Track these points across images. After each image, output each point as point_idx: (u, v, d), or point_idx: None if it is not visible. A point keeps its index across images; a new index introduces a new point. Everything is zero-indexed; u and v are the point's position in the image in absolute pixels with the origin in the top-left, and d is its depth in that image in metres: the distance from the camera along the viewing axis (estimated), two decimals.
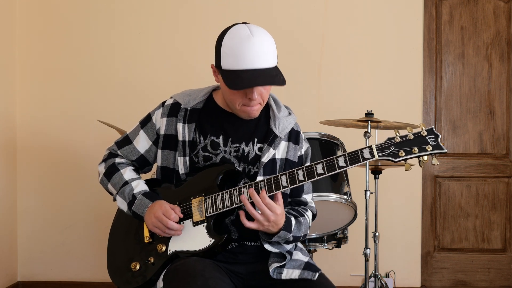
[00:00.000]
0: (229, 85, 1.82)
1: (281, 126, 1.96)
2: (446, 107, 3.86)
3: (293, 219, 1.90)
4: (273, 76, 1.83)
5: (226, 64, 1.83)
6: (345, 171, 2.92)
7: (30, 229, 3.81)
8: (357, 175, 3.29)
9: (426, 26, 3.83)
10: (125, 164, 2.06)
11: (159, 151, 1.99)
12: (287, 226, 1.86)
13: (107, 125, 3.22)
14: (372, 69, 3.81)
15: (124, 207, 1.99)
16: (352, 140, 3.28)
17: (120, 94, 3.79)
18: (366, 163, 2.99)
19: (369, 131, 3.03)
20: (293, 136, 2.00)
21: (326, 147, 2.87)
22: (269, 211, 1.78)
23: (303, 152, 2.02)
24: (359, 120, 3.05)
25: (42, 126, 3.80)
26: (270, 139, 1.94)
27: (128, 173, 2.02)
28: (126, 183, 1.99)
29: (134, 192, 1.96)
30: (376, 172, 3.17)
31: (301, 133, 2.05)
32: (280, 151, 1.95)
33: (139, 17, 3.82)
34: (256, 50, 1.80)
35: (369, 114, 3.04)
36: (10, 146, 3.73)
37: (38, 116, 3.80)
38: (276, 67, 1.87)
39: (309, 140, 2.82)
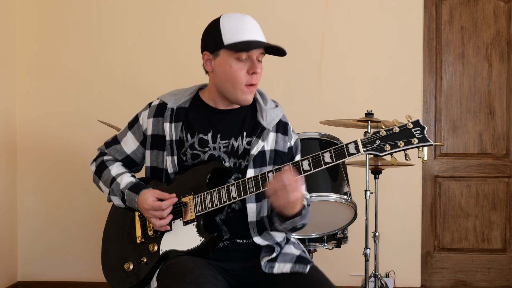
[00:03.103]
0: (241, 48, 1.85)
1: (269, 118, 1.97)
2: (446, 107, 3.86)
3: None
4: (273, 44, 1.90)
5: (230, 39, 1.87)
6: (345, 170, 2.92)
7: (30, 229, 3.81)
8: (357, 175, 3.29)
9: (426, 26, 3.83)
10: (113, 161, 2.08)
11: (148, 152, 2.00)
12: (300, 213, 1.85)
13: (107, 125, 3.22)
14: (372, 69, 3.81)
15: (120, 204, 2.02)
16: (352, 140, 3.27)
17: (120, 94, 3.79)
18: (366, 162, 3.00)
19: (369, 131, 3.03)
20: (281, 127, 2.00)
21: (326, 147, 2.83)
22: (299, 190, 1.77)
23: (292, 144, 2.02)
24: (359, 120, 3.05)
25: (42, 126, 3.80)
26: (258, 131, 1.94)
27: (115, 169, 2.04)
28: (114, 179, 2.01)
29: (121, 188, 1.98)
30: (376, 172, 3.17)
31: (290, 125, 2.05)
32: (269, 142, 1.96)
33: (140, 17, 3.81)
34: (254, 25, 1.91)
35: (369, 114, 3.04)
36: (10, 146, 3.73)
37: (38, 116, 3.80)
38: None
39: (309, 140, 2.82)
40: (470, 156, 3.88)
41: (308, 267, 1.86)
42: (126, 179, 2.00)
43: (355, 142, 1.75)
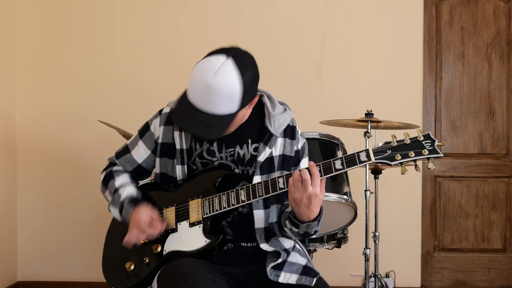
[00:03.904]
0: (172, 114, 1.86)
1: (277, 123, 1.94)
2: (446, 107, 3.86)
3: None
4: (203, 124, 1.77)
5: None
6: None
7: (30, 229, 3.81)
8: (357, 175, 3.28)
9: (426, 26, 3.83)
10: (121, 172, 2.06)
11: (158, 159, 1.99)
12: (318, 218, 1.84)
13: (107, 125, 3.22)
14: (372, 69, 3.81)
15: (117, 215, 2.00)
16: (352, 140, 3.28)
17: (120, 94, 3.79)
18: (366, 164, 2.99)
19: (369, 131, 3.03)
20: (289, 132, 1.98)
21: (326, 147, 2.86)
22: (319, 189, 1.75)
23: (299, 147, 2.00)
24: (359, 120, 3.05)
25: (42, 126, 3.80)
26: (265, 138, 1.92)
27: (119, 180, 2.02)
28: (116, 190, 1.99)
29: (121, 199, 1.96)
30: (376, 172, 3.17)
31: (297, 128, 2.02)
32: (277, 148, 1.94)
33: (140, 16, 3.81)
34: (198, 93, 1.77)
35: (369, 114, 3.04)
36: (10, 146, 3.73)
37: (38, 116, 3.80)
38: (218, 116, 1.77)
39: (309, 140, 2.81)
40: (470, 156, 3.88)
41: (315, 280, 1.83)
42: (128, 191, 1.98)
43: (367, 150, 1.76)
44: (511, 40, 3.85)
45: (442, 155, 1.74)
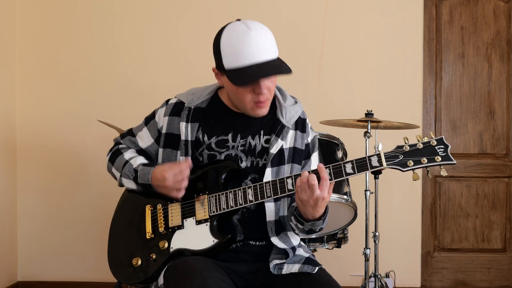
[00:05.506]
0: (236, 82, 1.80)
1: (288, 115, 1.94)
2: (446, 107, 3.86)
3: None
4: (277, 66, 1.84)
5: (228, 64, 1.81)
6: None
7: (30, 229, 3.81)
8: (357, 175, 3.28)
9: (426, 26, 3.83)
10: (128, 148, 2.07)
11: (161, 150, 1.98)
12: (323, 217, 1.85)
13: (107, 125, 3.22)
14: (372, 69, 3.81)
15: (132, 185, 2.00)
16: (352, 140, 3.28)
17: (121, 94, 3.79)
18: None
19: (369, 131, 3.04)
20: (300, 124, 1.98)
21: (326, 147, 2.86)
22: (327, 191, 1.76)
23: (309, 141, 2.00)
24: (359, 120, 3.05)
25: (42, 126, 3.80)
26: (277, 129, 1.92)
27: (128, 154, 2.03)
28: (126, 162, 2.00)
29: (134, 166, 1.97)
30: (376, 172, 3.17)
31: (308, 121, 2.02)
32: (287, 140, 1.94)
33: (140, 17, 3.81)
34: (257, 43, 1.79)
35: (369, 114, 3.04)
36: (10, 146, 3.73)
37: (38, 116, 3.80)
38: (278, 58, 1.88)
39: None
40: (470, 156, 3.88)
41: (317, 268, 1.85)
42: (139, 160, 2.00)
43: (378, 155, 1.74)
44: (511, 40, 3.85)
45: (455, 162, 1.70)
